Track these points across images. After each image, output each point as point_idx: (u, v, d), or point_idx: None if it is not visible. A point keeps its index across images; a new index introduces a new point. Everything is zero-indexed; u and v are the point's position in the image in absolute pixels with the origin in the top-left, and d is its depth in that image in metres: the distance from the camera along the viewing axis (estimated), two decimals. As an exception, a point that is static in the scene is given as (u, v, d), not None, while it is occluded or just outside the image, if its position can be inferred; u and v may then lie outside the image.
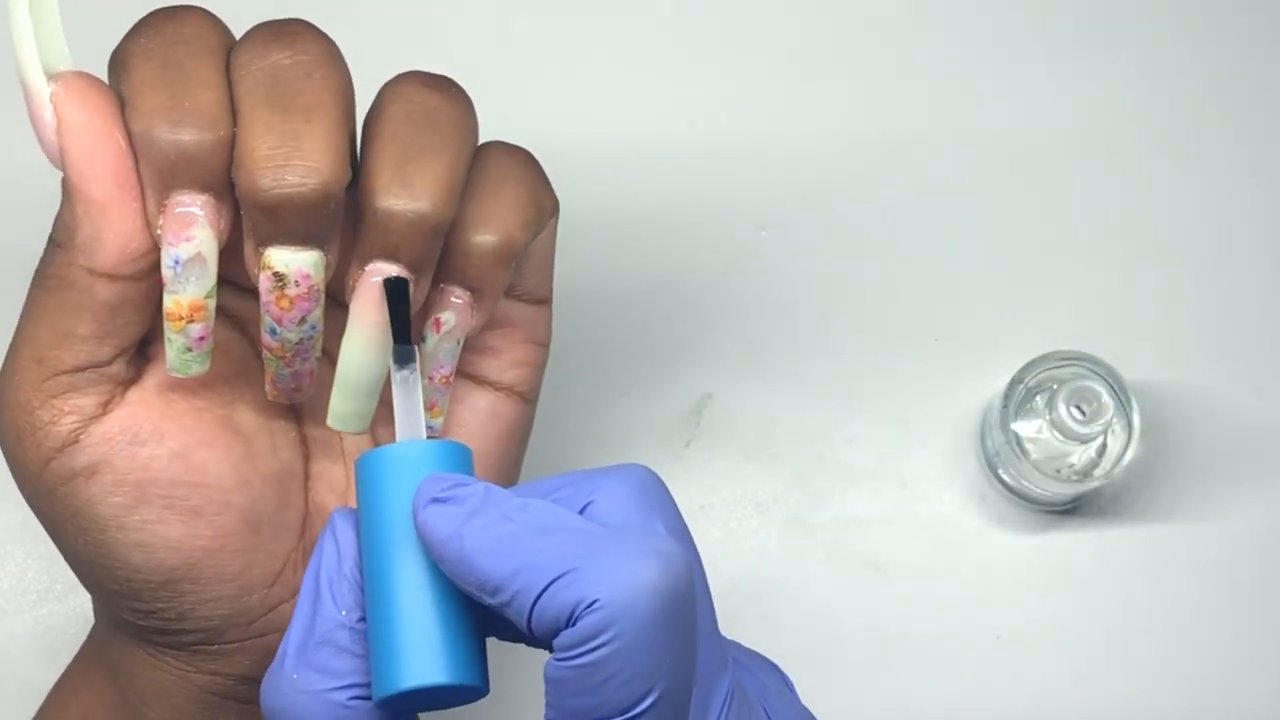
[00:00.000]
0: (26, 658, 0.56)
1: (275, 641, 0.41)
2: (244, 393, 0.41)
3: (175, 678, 0.41)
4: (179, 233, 0.36)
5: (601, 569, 0.34)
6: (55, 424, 0.38)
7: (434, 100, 0.38)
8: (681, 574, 0.35)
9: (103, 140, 0.36)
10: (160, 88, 0.36)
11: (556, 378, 0.57)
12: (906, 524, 0.57)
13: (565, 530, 0.36)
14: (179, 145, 0.36)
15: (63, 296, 0.37)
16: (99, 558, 0.39)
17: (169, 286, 0.37)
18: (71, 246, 0.37)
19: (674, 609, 0.35)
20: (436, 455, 0.38)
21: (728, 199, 0.59)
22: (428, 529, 0.36)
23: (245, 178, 0.36)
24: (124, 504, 0.38)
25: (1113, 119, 0.60)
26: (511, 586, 0.35)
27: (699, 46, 0.61)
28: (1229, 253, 0.59)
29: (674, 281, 0.59)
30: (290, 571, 0.42)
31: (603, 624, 0.34)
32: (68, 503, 0.39)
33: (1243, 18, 0.61)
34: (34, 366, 0.38)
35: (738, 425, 0.58)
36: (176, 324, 0.37)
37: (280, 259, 0.37)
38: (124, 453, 0.38)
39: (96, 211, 0.36)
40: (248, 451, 0.41)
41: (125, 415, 0.39)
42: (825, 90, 0.60)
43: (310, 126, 0.36)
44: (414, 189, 0.37)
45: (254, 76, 0.37)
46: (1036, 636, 0.56)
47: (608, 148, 0.60)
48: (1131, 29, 0.61)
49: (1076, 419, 0.53)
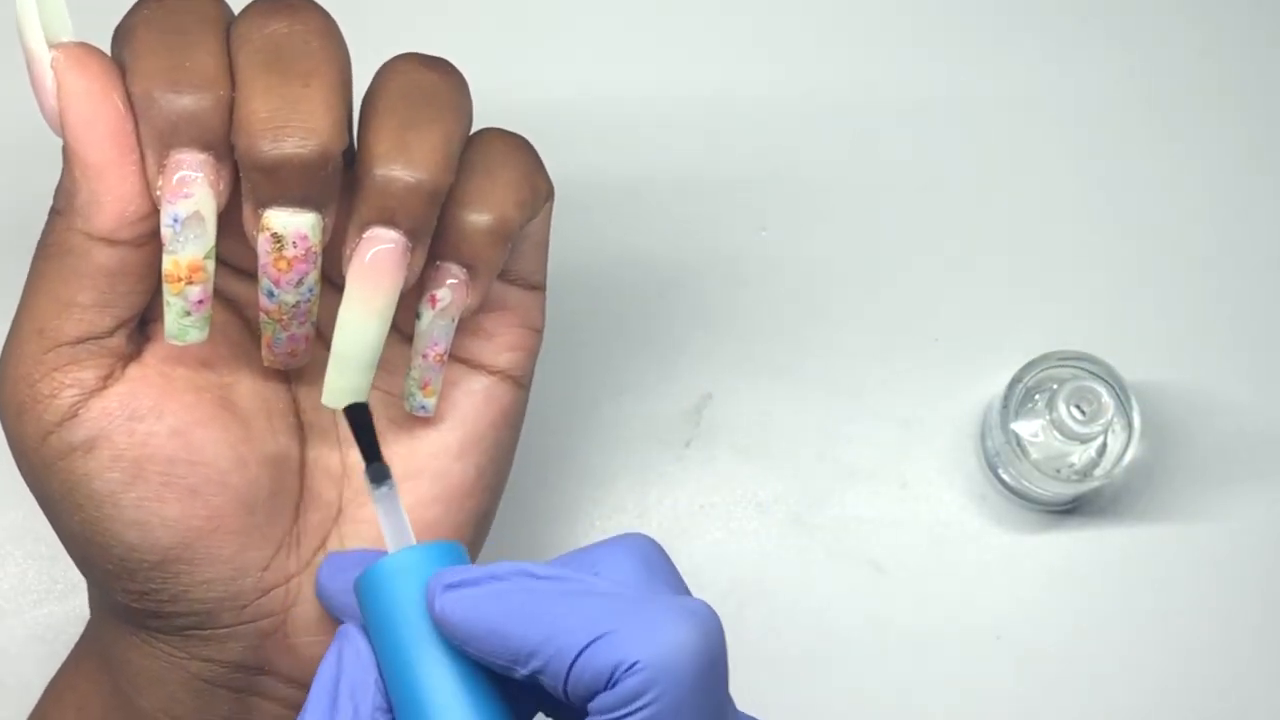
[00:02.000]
0: (26, 658, 0.56)
1: (268, 627, 0.41)
2: (242, 375, 0.42)
3: (168, 664, 0.41)
4: (178, 190, 0.37)
5: (638, 630, 0.35)
6: (55, 397, 0.38)
7: (431, 77, 0.39)
8: (716, 634, 0.36)
9: (101, 104, 0.37)
10: (161, 52, 0.37)
11: (557, 377, 0.57)
12: (906, 524, 0.57)
13: (592, 594, 0.36)
14: (178, 104, 0.36)
15: (62, 264, 0.38)
16: (95, 535, 0.39)
17: (168, 246, 0.37)
18: (71, 211, 0.37)
19: (711, 669, 0.35)
20: (435, 555, 0.38)
21: (728, 199, 0.59)
22: (448, 614, 0.36)
23: (245, 139, 0.37)
24: (121, 480, 0.39)
25: (1114, 119, 0.60)
26: (545, 652, 0.35)
27: (699, 46, 0.61)
28: (1229, 253, 0.59)
29: (674, 281, 0.59)
30: (284, 557, 0.42)
31: (644, 685, 0.34)
32: (65, 478, 0.39)
33: (1245, 16, 0.61)
34: (35, 338, 0.38)
35: (738, 425, 0.58)
36: (175, 285, 0.38)
37: (279, 220, 0.38)
38: (122, 428, 0.39)
39: (94, 174, 0.37)
40: (245, 433, 0.41)
41: (125, 390, 0.39)
42: (825, 91, 0.60)
43: (309, 90, 0.37)
44: (412, 156, 0.38)
45: (253, 44, 0.37)
46: (1036, 636, 0.56)
47: (608, 149, 0.60)
48: (1134, 29, 0.61)
49: (1076, 419, 0.53)
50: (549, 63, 0.60)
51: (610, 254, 0.59)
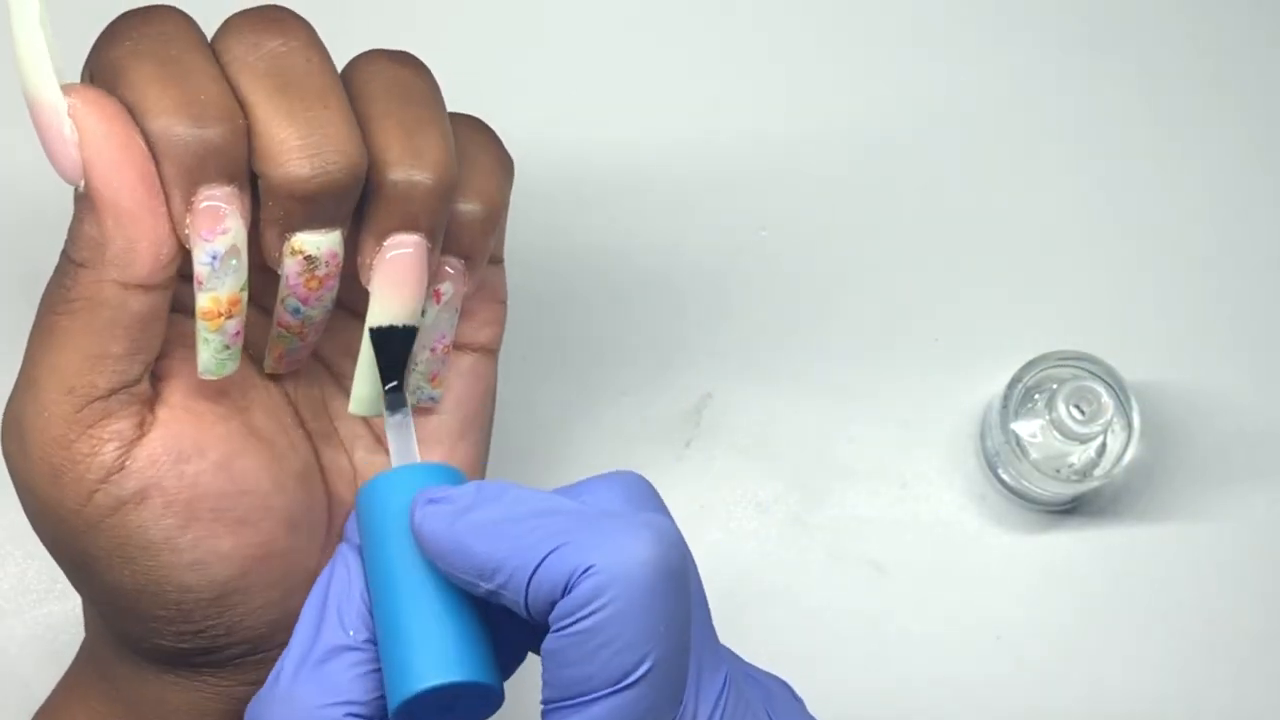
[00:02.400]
0: (26, 658, 0.56)
1: None
2: (253, 398, 0.41)
3: (211, 695, 0.41)
4: (213, 227, 0.36)
5: (596, 539, 0.35)
6: (96, 454, 0.37)
7: (407, 74, 0.39)
8: (674, 546, 0.36)
9: (128, 148, 0.35)
10: (169, 85, 0.36)
11: (557, 377, 0.58)
12: (906, 524, 0.57)
13: (559, 512, 0.36)
14: (204, 139, 0.35)
15: (93, 317, 0.37)
16: (148, 585, 0.38)
17: (206, 284, 0.37)
18: (101, 263, 0.36)
19: (668, 579, 0.35)
20: (431, 473, 0.39)
21: (728, 199, 0.59)
22: (423, 527, 0.37)
23: (278, 168, 0.36)
24: (176, 524, 0.38)
25: (1114, 119, 0.60)
26: (508, 566, 0.35)
27: (699, 46, 0.61)
28: (1229, 253, 0.59)
29: (674, 281, 0.59)
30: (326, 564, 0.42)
31: (598, 588, 0.34)
32: (115, 534, 0.38)
33: (1244, 17, 0.61)
34: (65, 398, 0.37)
35: (738, 425, 0.58)
36: (214, 322, 0.37)
37: (311, 242, 0.37)
38: (172, 472, 0.38)
39: (129, 221, 0.36)
40: (274, 454, 0.41)
41: (164, 434, 0.38)
42: (825, 91, 0.60)
43: (329, 111, 0.36)
44: (425, 159, 0.38)
45: (255, 66, 0.37)
46: (1036, 636, 0.56)
47: (608, 149, 0.60)
48: (1134, 29, 0.61)
49: (1076, 419, 0.53)
50: (549, 62, 0.60)
51: (610, 253, 0.59)
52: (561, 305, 0.58)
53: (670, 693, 0.36)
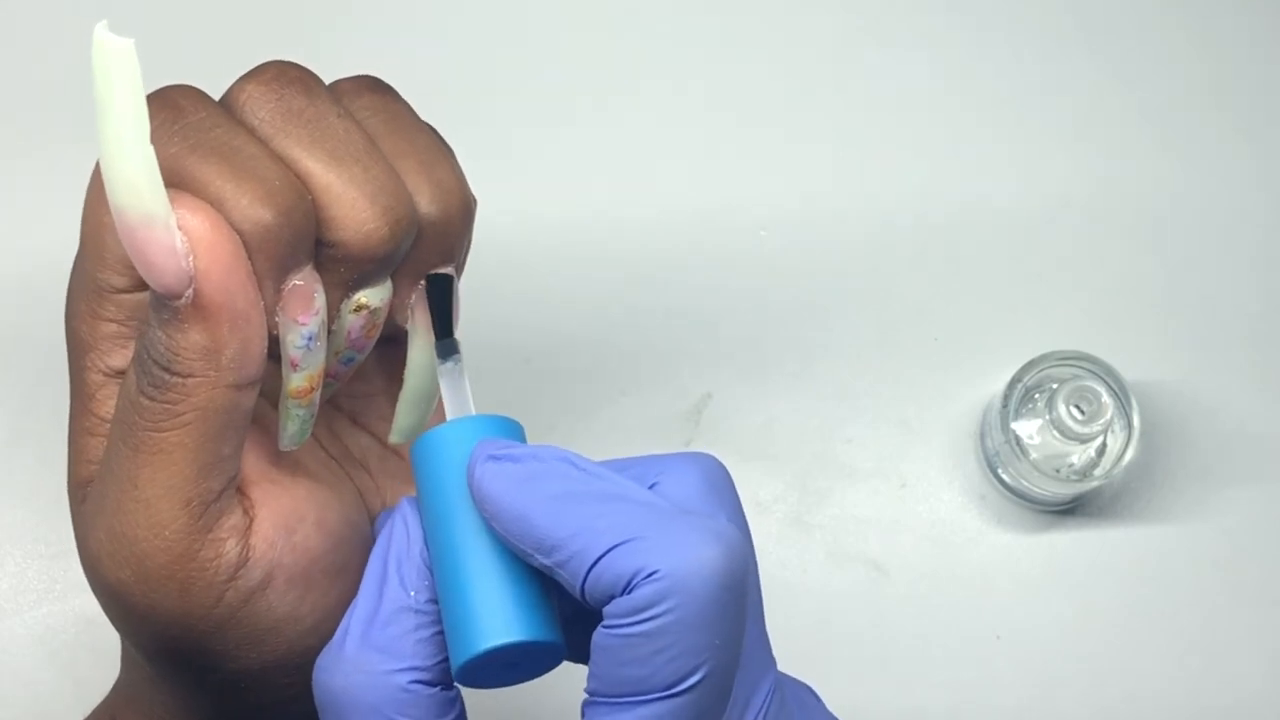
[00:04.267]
0: (26, 658, 0.56)
1: None
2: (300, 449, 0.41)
3: None
4: (306, 309, 0.36)
5: (664, 542, 0.35)
6: (221, 556, 0.37)
7: (389, 102, 0.39)
8: (740, 560, 0.35)
9: (239, 250, 0.35)
10: (241, 178, 0.35)
11: (557, 377, 0.58)
12: (906, 524, 0.57)
13: (629, 500, 0.36)
14: (294, 227, 0.35)
15: (207, 425, 0.36)
16: (275, 661, 0.38)
17: (300, 365, 0.37)
18: (217, 370, 0.35)
19: (730, 593, 0.35)
20: (489, 425, 0.38)
21: (728, 199, 0.59)
22: (483, 485, 0.36)
23: (354, 234, 0.36)
24: (297, 596, 0.38)
25: (1113, 119, 0.60)
26: (570, 547, 0.35)
27: (702, 46, 0.61)
28: (1229, 253, 0.59)
29: (674, 281, 0.59)
30: None
31: (660, 595, 0.34)
32: (244, 625, 0.38)
33: (1243, 18, 0.61)
34: (183, 512, 0.36)
35: (738, 425, 0.58)
36: (305, 398, 0.38)
37: (375, 296, 0.37)
38: (286, 546, 0.38)
39: (244, 323, 0.35)
40: (336, 492, 0.41)
41: (267, 513, 0.38)
42: (825, 91, 0.60)
43: (379, 165, 0.36)
44: (451, 191, 0.38)
45: (300, 135, 0.36)
46: (1036, 636, 0.56)
47: (608, 149, 0.60)
48: (1132, 29, 0.61)
49: (1076, 419, 0.53)
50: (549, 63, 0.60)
51: (610, 254, 0.59)
52: (562, 306, 0.58)
53: (717, 700, 0.36)
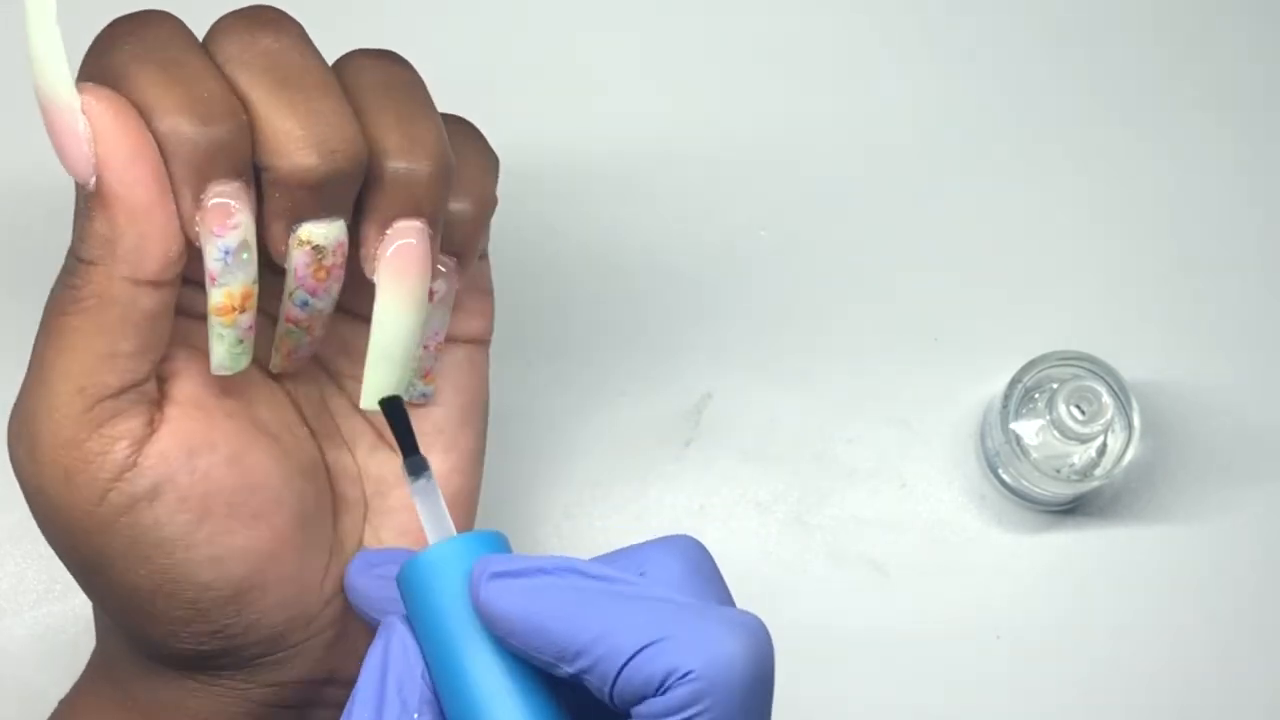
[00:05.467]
0: (26, 658, 0.56)
1: (332, 636, 0.41)
2: (258, 394, 0.42)
3: (230, 699, 0.41)
4: (224, 222, 0.37)
5: (693, 639, 0.35)
6: (108, 453, 0.38)
7: (395, 69, 0.40)
8: (767, 649, 0.36)
9: (141, 145, 0.36)
10: (174, 85, 0.36)
11: (557, 377, 0.58)
12: (906, 524, 0.57)
13: (644, 599, 0.36)
14: (212, 136, 0.36)
15: (103, 315, 0.37)
16: (165, 584, 0.38)
17: (219, 280, 0.37)
18: (112, 259, 0.36)
19: (762, 684, 0.35)
20: (478, 543, 0.38)
21: (727, 199, 0.59)
22: (491, 605, 0.36)
23: (283, 159, 0.37)
24: (190, 520, 0.38)
25: (1113, 119, 0.60)
26: (594, 652, 0.35)
27: (700, 45, 0.61)
28: (1229, 253, 0.59)
29: (674, 281, 0.59)
30: (336, 562, 0.42)
31: (696, 695, 0.34)
32: (129, 532, 0.38)
33: (1243, 18, 0.61)
34: (76, 398, 0.37)
35: (738, 425, 0.58)
36: (228, 317, 0.38)
37: (319, 232, 0.38)
38: (184, 468, 0.38)
39: (142, 216, 0.36)
40: (281, 449, 0.41)
41: (175, 430, 0.38)
42: (826, 92, 0.60)
43: (330, 101, 0.37)
44: (423, 147, 0.38)
45: (252, 63, 0.37)
46: (1036, 636, 0.56)
47: (608, 149, 0.60)
48: (1134, 29, 0.61)
49: (1076, 419, 0.53)
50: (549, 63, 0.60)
51: (610, 254, 0.59)
52: (562, 306, 0.58)
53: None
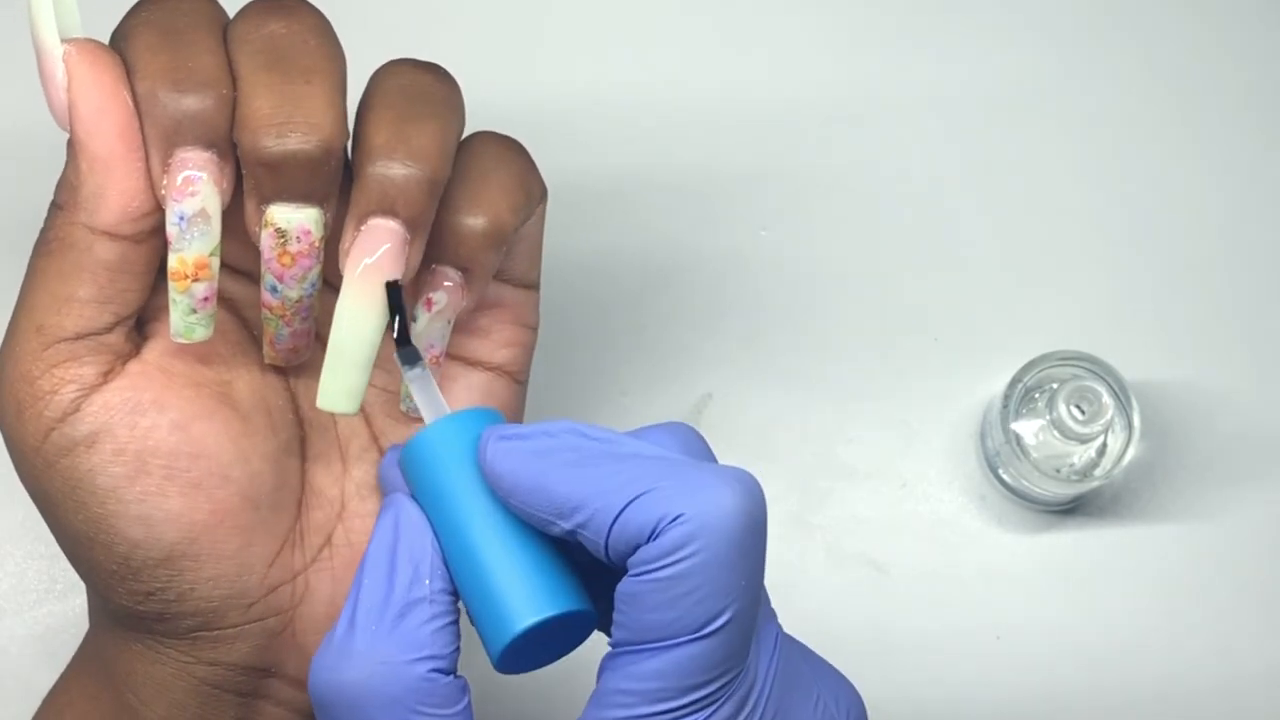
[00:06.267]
0: (26, 658, 0.56)
1: (275, 626, 0.41)
2: (241, 373, 0.42)
3: (174, 670, 0.41)
4: (183, 189, 0.37)
5: (685, 488, 0.36)
6: (56, 393, 0.38)
7: (425, 78, 0.40)
8: (760, 501, 0.37)
9: (111, 98, 0.37)
10: (162, 52, 0.37)
11: (557, 377, 0.57)
12: (906, 524, 0.57)
13: (640, 456, 0.37)
14: (181, 103, 0.37)
15: (63, 258, 0.38)
16: (98, 534, 0.39)
17: (174, 244, 0.38)
18: (74, 205, 0.38)
19: (754, 533, 0.36)
20: (477, 417, 0.39)
21: (728, 199, 0.59)
22: (496, 464, 0.37)
23: (249, 136, 0.37)
24: (124, 474, 0.39)
25: (1114, 119, 0.60)
26: (590, 506, 0.36)
27: (700, 47, 0.61)
28: (1229, 253, 0.59)
29: (674, 281, 0.59)
30: (289, 553, 0.42)
31: (687, 537, 0.35)
32: (68, 475, 0.39)
33: (1245, 17, 0.61)
34: (34, 335, 0.39)
35: (738, 425, 0.58)
36: (181, 283, 0.38)
37: (282, 215, 0.38)
38: (124, 422, 0.39)
39: (101, 167, 0.37)
40: (246, 428, 0.41)
41: (125, 385, 0.39)
42: (827, 92, 0.60)
43: (310, 87, 0.37)
44: (411, 148, 0.38)
45: (252, 44, 0.38)
46: (1036, 636, 0.56)
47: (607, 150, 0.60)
48: (1135, 29, 0.61)
49: (1076, 419, 0.53)
50: (548, 63, 0.60)
51: (610, 254, 0.59)
52: (562, 307, 0.58)
53: (742, 645, 0.37)
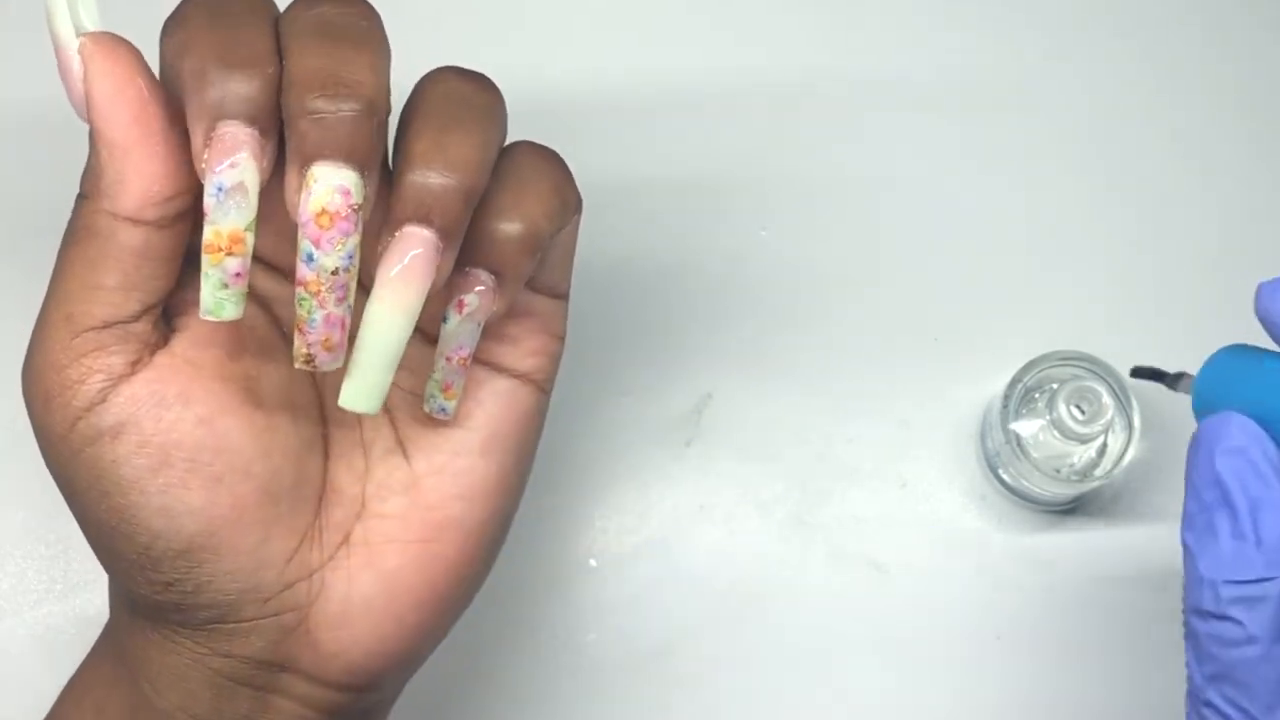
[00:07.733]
0: (26, 658, 0.56)
1: (291, 621, 0.42)
2: (268, 370, 0.42)
3: (190, 661, 0.41)
4: (223, 160, 0.37)
5: None
6: (84, 382, 0.39)
7: (468, 87, 0.40)
8: None
9: (125, 85, 0.38)
10: (212, 31, 0.38)
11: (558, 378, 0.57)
12: (906, 524, 0.57)
13: None
14: (228, 79, 0.37)
15: (88, 246, 0.38)
16: (121, 524, 0.39)
17: (210, 216, 0.38)
18: (98, 193, 0.38)
19: None
20: None
21: (728, 199, 0.59)
22: None
23: (295, 92, 0.37)
24: (148, 466, 0.39)
25: (1115, 118, 0.60)
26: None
27: (700, 46, 0.61)
28: (1229, 253, 0.59)
29: (674, 282, 0.59)
30: (307, 550, 0.42)
31: None
32: (93, 465, 0.39)
33: (1246, 15, 0.61)
34: (63, 324, 0.39)
35: (738, 425, 0.58)
36: (215, 256, 0.38)
37: (323, 173, 0.38)
38: (150, 414, 0.39)
39: (120, 153, 0.38)
40: (269, 424, 0.41)
41: (152, 377, 0.39)
42: (826, 91, 0.60)
43: (358, 52, 0.38)
44: (449, 157, 0.38)
45: (304, 23, 0.38)
46: (1036, 636, 0.56)
47: (606, 151, 0.60)
48: (1136, 28, 0.61)
49: (1076, 419, 0.53)
50: (547, 64, 0.60)
51: (610, 254, 0.59)
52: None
53: None
